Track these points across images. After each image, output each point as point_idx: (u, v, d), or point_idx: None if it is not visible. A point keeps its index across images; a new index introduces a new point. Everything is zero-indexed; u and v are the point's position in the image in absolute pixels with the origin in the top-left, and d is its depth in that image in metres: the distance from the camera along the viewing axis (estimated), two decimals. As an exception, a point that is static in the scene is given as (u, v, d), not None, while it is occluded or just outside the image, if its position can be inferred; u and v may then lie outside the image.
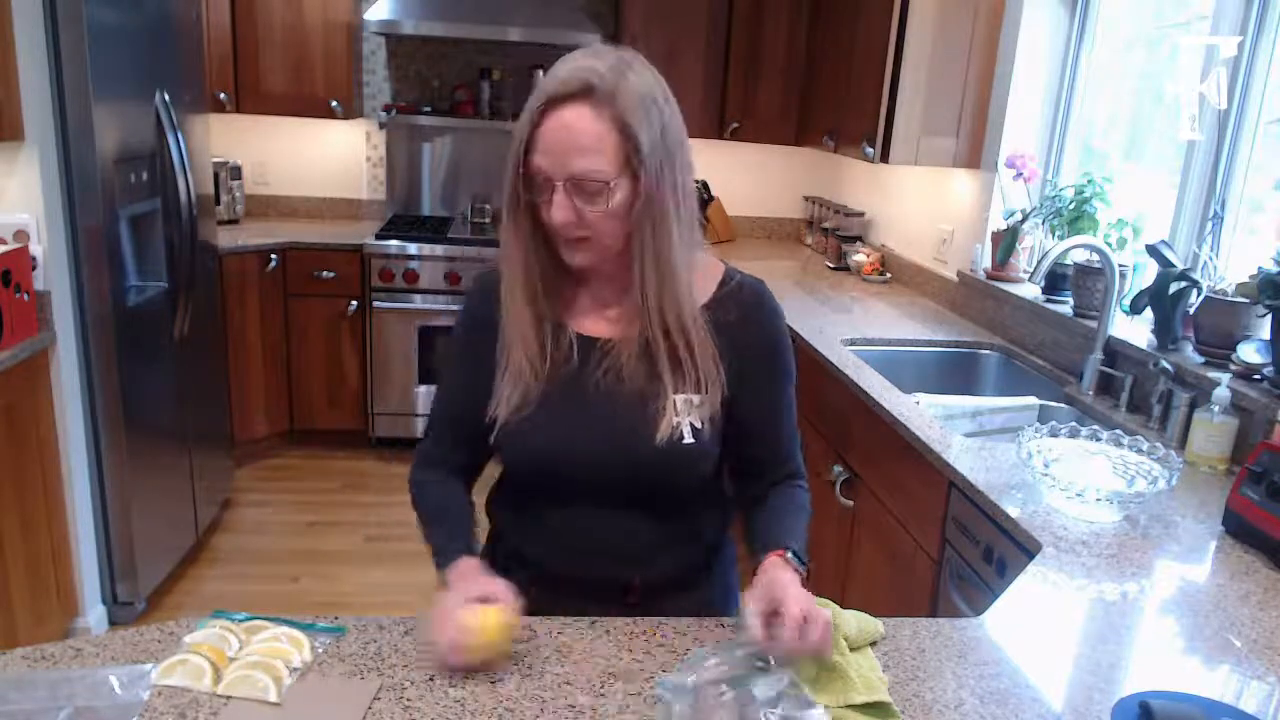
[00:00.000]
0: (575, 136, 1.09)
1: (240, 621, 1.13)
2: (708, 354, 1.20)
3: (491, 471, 1.36)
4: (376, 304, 3.95)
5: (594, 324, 1.24)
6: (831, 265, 3.96)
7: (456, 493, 1.32)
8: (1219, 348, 2.01)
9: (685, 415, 1.19)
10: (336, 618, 1.17)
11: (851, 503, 2.40)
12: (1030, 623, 1.27)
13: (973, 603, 1.74)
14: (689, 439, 1.19)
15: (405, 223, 4.21)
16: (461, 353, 1.30)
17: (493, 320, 1.24)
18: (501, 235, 1.20)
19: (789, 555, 1.15)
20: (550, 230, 1.16)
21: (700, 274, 1.23)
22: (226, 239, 3.69)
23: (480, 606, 1.08)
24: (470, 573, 1.16)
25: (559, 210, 1.11)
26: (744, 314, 1.24)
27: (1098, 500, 1.58)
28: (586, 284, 1.25)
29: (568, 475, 1.22)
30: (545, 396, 1.20)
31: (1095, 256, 2.37)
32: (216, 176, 3.82)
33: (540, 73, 1.20)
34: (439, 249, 3.93)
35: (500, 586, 1.11)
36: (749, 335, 1.24)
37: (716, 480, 1.32)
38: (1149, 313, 2.22)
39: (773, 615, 1.05)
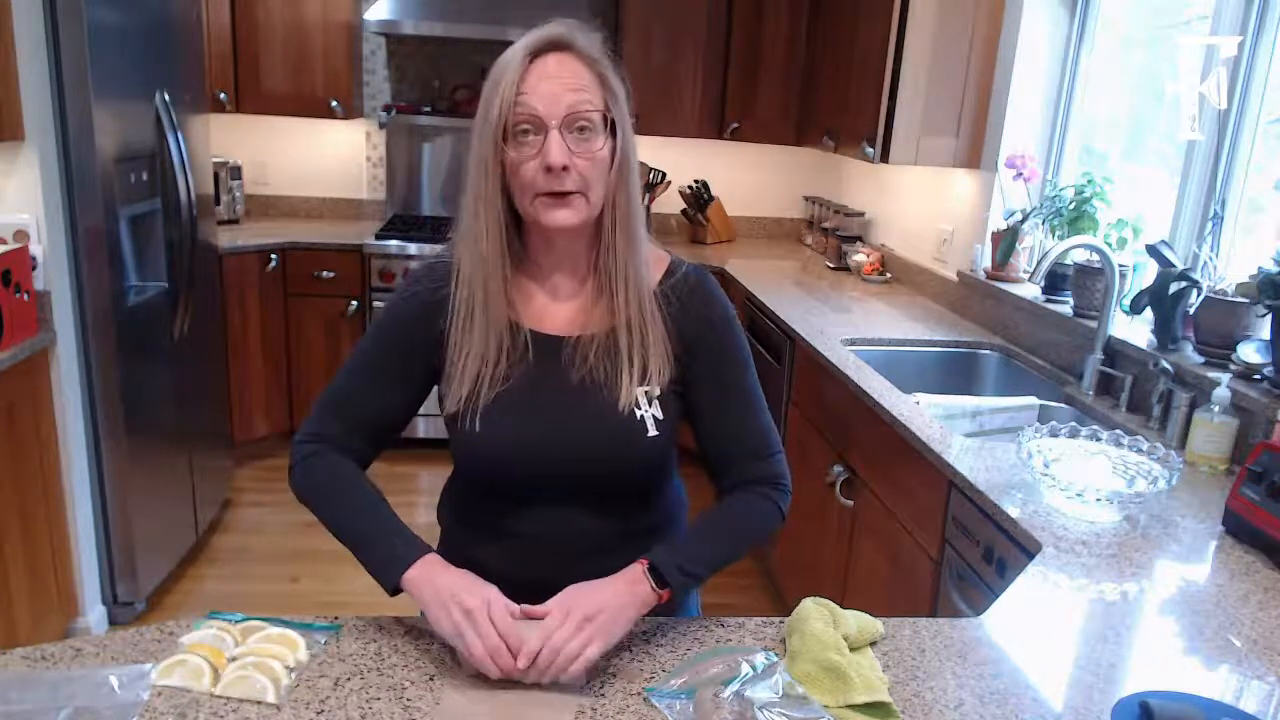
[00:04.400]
0: (565, 77, 1.10)
1: (236, 622, 1.13)
2: (661, 341, 1.21)
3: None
4: (377, 304, 3.95)
5: (551, 322, 1.23)
6: (831, 265, 3.96)
7: (368, 481, 1.23)
8: (1219, 348, 2.01)
9: (646, 407, 1.19)
10: (336, 618, 1.17)
11: (851, 503, 2.40)
12: (1030, 623, 1.27)
13: (973, 603, 1.74)
14: (653, 430, 1.19)
15: (405, 223, 4.21)
16: (392, 334, 1.25)
17: (439, 309, 1.21)
18: (471, 221, 1.16)
19: (647, 570, 1.12)
20: (528, 196, 1.13)
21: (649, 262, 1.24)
22: (226, 239, 3.69)
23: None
24: (452, 573, 1.11)
25: (556, 151, 1.09)
26: (690, 303, 1.24)
27: (1098, 500, 1.58)
28: (542, 281, 1.24)
29: (532, 478, 1.20)
30: (509, 398, 1.18)
31: (1095, 256, 2.37)
32: (216, 176, 3.82)
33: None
34: (439, 249, 3.91)
35: (494, 589, 1.09)
36: (696, 324, 1.23)
37: (672, 470, 1.33)
38: (1149, 313, 2.22)
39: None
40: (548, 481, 1.21)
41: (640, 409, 1.18)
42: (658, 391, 1.20)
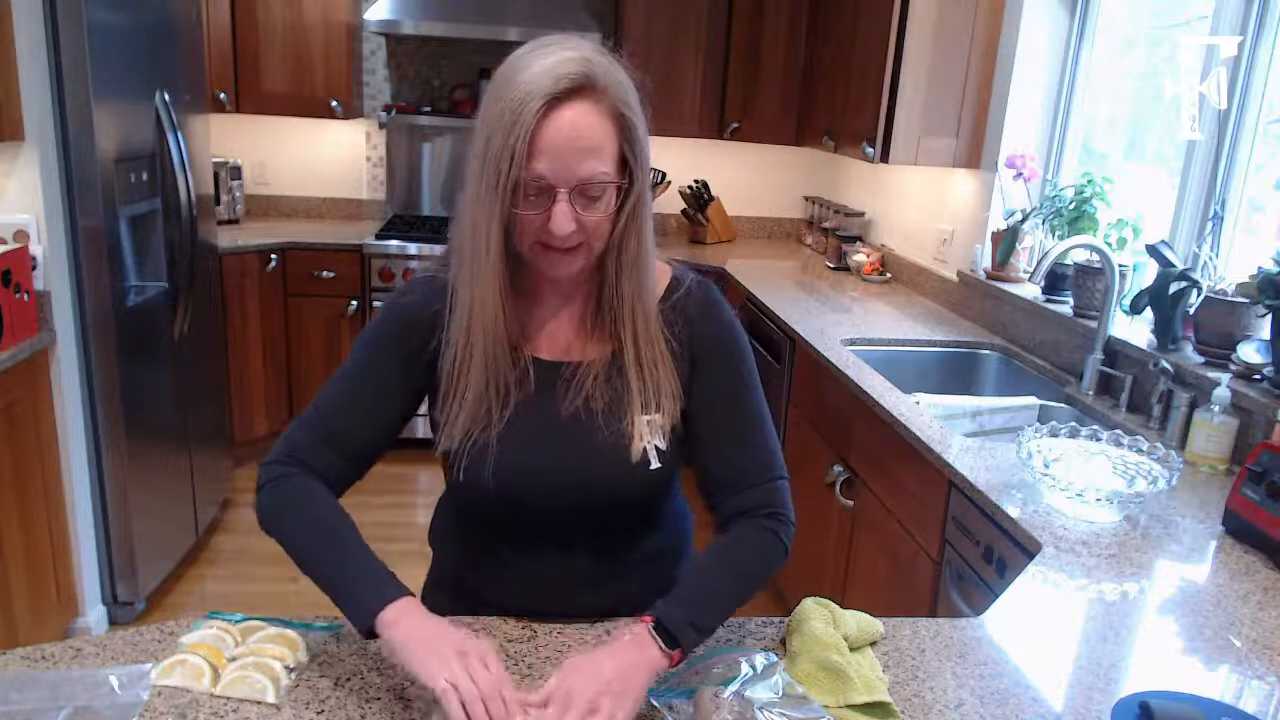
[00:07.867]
0: (581, 139, 1.00)
1: (236, 622, 1.13)
2: (666, 366, 1.14)
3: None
4: (376, 304, 3.95)
5: (551, 347, 1.17)
6: (831, 265, 3.96)
7: (340, 509, 1.13)
8: (1219, 348, 2.01)
9: (650, 438, 1.12)
10: (336, 618, 1.17)
11: (851, 503, 2.40)
12: (1030, 623, 1.27)
13: (973, 603, 1.74)
14: (655, 463, 1.12)
15: (405, 223, 4.21)
16: (380, 350, 1.17)
17: (430, 328, 1.14)
18: (470, 251, 1.06)
19: (652, 628, 1.00)
20: (526, 241, 1.06)
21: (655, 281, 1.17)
22: (226, 239, 3.69)
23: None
24: (436, 620, 1.01)
25: (564, 221, 1.01)
26: (694, 318, 1.17)
27: (1098, 500, 1.58)
28: (540, 304, 1.17)
29: (536, 509, 1.15)
30: (508, 428, 1.12)
31: (1095, 256, 2.37)
32: (216, 176, 3.82)
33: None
34: (439, 249, 3.91)
35: (485, 643, 1.00)
36: (700, 339, 1.17)
37: (674, 491, 1.27)
38: (1149, 313, 2.22)
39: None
40: (545, 512, 1.16)
41: (643, 439, 1.12)
42: (661, 421, 1.13)
